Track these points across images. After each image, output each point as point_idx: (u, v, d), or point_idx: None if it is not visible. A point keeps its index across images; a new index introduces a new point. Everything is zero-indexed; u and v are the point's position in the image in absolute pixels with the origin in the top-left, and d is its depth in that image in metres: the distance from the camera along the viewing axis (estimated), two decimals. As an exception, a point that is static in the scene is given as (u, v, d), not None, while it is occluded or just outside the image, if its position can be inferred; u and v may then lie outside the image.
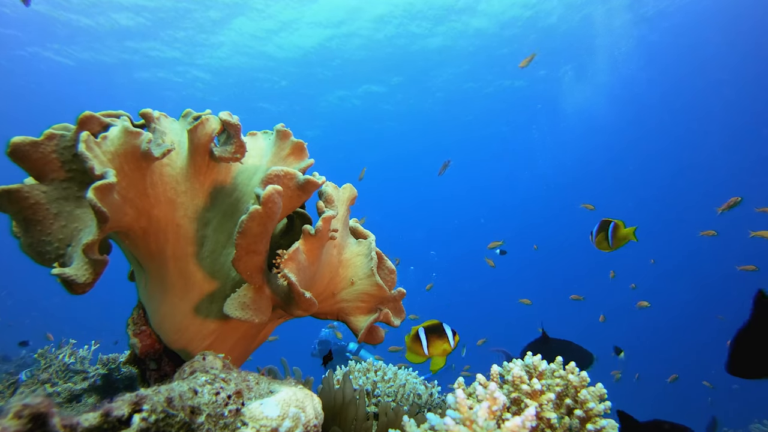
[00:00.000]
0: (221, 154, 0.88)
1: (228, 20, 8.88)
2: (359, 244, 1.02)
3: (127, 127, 0.77)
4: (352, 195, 1.02)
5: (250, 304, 0.80)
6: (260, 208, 0.74)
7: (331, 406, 1.05)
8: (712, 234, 4.13)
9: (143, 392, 0.54)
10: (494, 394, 0.59)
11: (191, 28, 9.01)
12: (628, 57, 10.67)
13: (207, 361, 0.78)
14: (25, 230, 0.81)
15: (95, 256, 0.72)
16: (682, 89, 12.12)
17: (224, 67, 10.56)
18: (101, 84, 10.59)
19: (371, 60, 10.64)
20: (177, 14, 8.51)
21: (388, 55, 10.49)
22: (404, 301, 1.04)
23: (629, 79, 11.64)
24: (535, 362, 0.84)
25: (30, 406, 0.42)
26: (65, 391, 1.79)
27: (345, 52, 10.43)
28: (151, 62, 10.12)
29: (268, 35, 9.48)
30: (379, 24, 9.43)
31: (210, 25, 8.95)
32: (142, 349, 0.92)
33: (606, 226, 1.84)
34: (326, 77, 11.32)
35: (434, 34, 9.89)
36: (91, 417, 0.48)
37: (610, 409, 0.75)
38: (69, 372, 1.89)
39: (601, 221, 1.86)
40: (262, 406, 0.65)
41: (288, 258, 0.79)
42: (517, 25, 9.48)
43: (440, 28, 9.62)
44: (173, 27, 8.90)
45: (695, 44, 10.18)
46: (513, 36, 9.83)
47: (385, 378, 1.51)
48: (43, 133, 0.81)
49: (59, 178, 0.83)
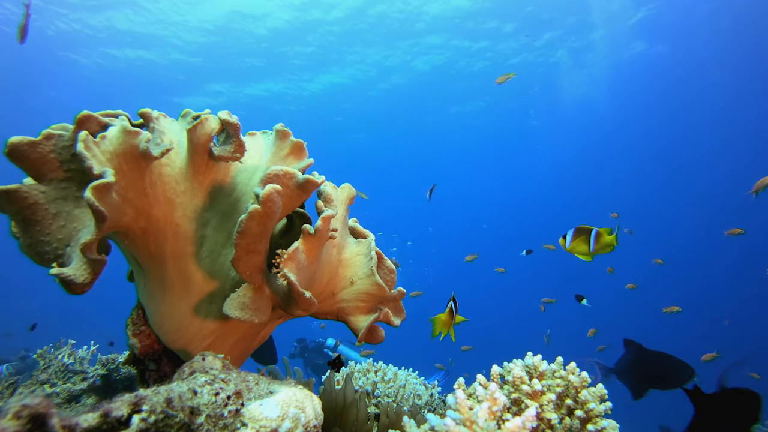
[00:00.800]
0: (220, 153, 0.88)
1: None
2: (359, 244, 1.02)
3: (125, 126, 0.77)
4: (350, 194, 1.01)
5: (249, 304, 0.80)
6: (260, 208, 0.73)
7: (332, 407, 1.05)
8: (740, 232, 4.02)
9: (142, 393, 0.54)
10: (494, 395, 0.59)
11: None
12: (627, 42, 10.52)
13: (206, 361, 0.77)
14: (24, 230, 0.81)
15: (94, 255, 0.71)
16: (684, 82, 11.99)
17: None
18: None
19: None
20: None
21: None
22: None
23: (628, 68, 11.50)
24: (536, 362, 0.84)
25: (29, 406, 0.41)
26: (64, 392, 1.79)
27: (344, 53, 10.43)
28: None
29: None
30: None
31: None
32: (141, 349, 0.91)
33: (585, 233, 1.78)
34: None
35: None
36: (90, 417, 0.48)
37: (611, 409, 0.75)
38: (68, 372, 1.88)
39: (577, 228, 1.81)
40: (262, 407, 0.65)
41: (287, 257, 0.78)
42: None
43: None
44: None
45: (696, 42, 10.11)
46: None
47: (385, 378, 1.51)
48: (41, 133, 0.80)
49: (58, 178, 0.82)
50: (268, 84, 11.58)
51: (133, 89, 10.81)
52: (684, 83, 11.93)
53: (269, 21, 9.37)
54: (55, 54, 9.54)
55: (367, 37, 10.15)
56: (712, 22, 9.55)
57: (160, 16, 8.76)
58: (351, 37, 10.10)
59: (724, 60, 10.84)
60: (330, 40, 10.12)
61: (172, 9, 8.62)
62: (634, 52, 10.80)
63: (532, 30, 9.70)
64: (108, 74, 10.32)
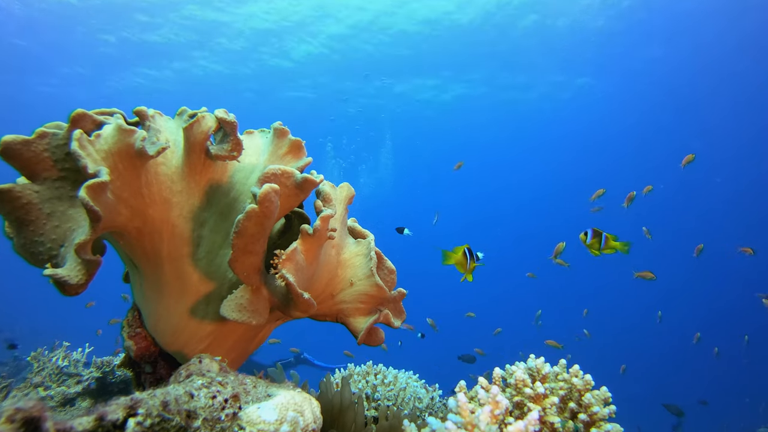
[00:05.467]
0: (217, 152, 0.86)
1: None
2: (358, 244, 1.01)
3: (120, 125, 0.75)
4: (349, 194, 1.00)
5: (247, 305, 0.79)
6: (257, 207, 0.72)
7: (330, 409, 1.04)
8: (749, 252, 4.16)
9: (138, 396, 0.53)
10: (497, 398, 0.58)
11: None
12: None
13: (203, 364, 0.76)
14: (18, 231, 0.80)
15: (88, 256, 0.70)
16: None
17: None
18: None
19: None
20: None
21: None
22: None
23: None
24: (539, 365, 0.83)
25: (23, 409, 0.41)
26: (59, 395, 1.77)
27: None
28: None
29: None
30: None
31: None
32: (137, 351, 0.90)
33: (598, 234, 2.27)
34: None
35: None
36: (85, 421, 0.47)
37: (615, 412, 0.74)
38: (63, 375, 1.87)
39: (594, 229, 2.28)
40: (260, 410, 0.64)
41: (286, 258, 0.77)
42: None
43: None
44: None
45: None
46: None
47: (385, 381, 1.50)
48: (35, 132, 0.79)
49: (52, 177, 0.81)
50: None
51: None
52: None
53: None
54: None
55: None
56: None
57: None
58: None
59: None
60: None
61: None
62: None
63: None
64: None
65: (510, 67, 10.82)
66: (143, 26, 8.88)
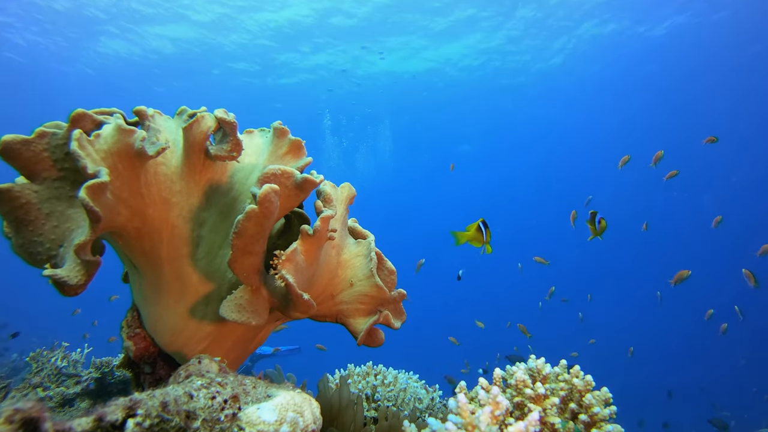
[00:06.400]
0: (217, 152, 0.86)
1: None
2: (358, 245, 1.01)
3: (120, 125, 0.75)
4: (350, 194, 1.00)
5: (246, 306, 0.79)
6: (257, 208, 0.72)
7: (329, 409, 1.04)
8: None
9: (137, 396, 0.52)
10: (497, 399, 0.58)
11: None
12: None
13: (203, 364, 0.76)
14: (17, 231, 0.79)
15: (87, 257, 0.70)
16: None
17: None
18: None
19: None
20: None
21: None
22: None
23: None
24: (539, 365, 0.83)
25: (21, 410, 0.41)
26: (58, 396, 1.77)
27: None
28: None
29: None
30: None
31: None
32: (136, 352, 0.90)
33: (593, 217, 2.62)
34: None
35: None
36: (84, 422, 0.47)
37: (616, 413, 0.74)
38: (61, 376, 1.86)
39: (591, 212, 2.62)
40: (259, 411, 0.64)
41: (285, 259, 0.77)
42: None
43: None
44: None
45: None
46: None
47: (385, 382, 1.49)
48: (34, 131, 0.79)
49: (51, 177, 0.81)
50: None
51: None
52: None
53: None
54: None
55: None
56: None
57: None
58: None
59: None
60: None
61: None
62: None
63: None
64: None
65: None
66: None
